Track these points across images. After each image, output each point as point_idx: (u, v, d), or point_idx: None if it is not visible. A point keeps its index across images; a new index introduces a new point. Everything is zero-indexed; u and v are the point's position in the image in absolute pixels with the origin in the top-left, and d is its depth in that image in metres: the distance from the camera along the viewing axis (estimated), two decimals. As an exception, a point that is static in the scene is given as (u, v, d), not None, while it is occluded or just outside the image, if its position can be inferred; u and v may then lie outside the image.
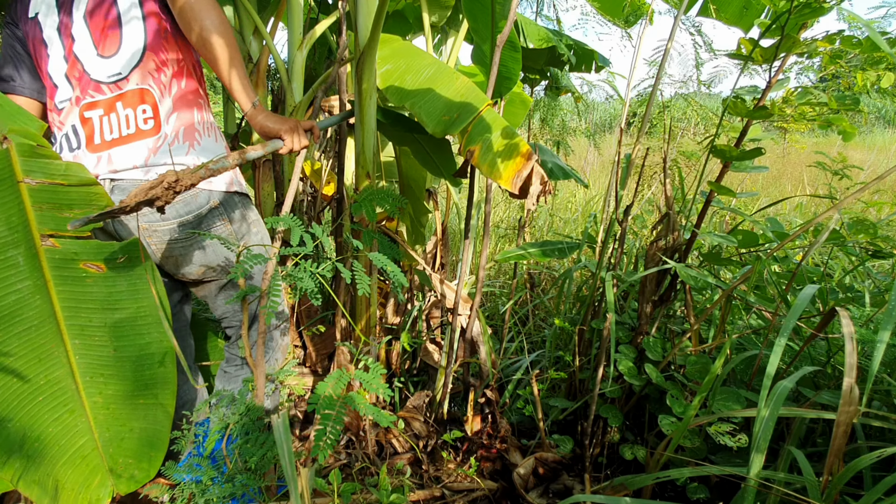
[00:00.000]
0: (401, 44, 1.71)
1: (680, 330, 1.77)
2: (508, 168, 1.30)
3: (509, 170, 1.30)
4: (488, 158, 1.34)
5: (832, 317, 1.24)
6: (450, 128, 1.40)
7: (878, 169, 6.28)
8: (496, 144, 1.34)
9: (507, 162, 1.31)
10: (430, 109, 1.46)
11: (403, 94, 1.52)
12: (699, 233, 1.64)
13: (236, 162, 1.13)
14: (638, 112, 4.71)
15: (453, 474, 1.68)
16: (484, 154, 1.34)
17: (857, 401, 0.99)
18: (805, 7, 1.28)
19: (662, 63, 1.65)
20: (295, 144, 1.28)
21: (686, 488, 1.45)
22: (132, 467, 1.27)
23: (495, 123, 1.38)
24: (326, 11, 2.58)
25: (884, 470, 1.22)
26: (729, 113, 1.49)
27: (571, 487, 1.60)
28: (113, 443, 1.26)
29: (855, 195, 1.26)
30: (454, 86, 1.49)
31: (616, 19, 2.30)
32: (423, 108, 1.47)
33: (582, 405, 1.83)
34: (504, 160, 1.31)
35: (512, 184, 1.29)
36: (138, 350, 1.24)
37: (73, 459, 1.21)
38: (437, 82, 1.51)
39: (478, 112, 1.39)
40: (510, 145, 1.33)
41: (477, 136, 1.37)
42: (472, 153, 1.36)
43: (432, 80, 1.52)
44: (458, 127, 1.39)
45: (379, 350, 2.02)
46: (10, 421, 1.11)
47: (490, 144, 1.35)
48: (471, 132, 1.39)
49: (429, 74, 1.54)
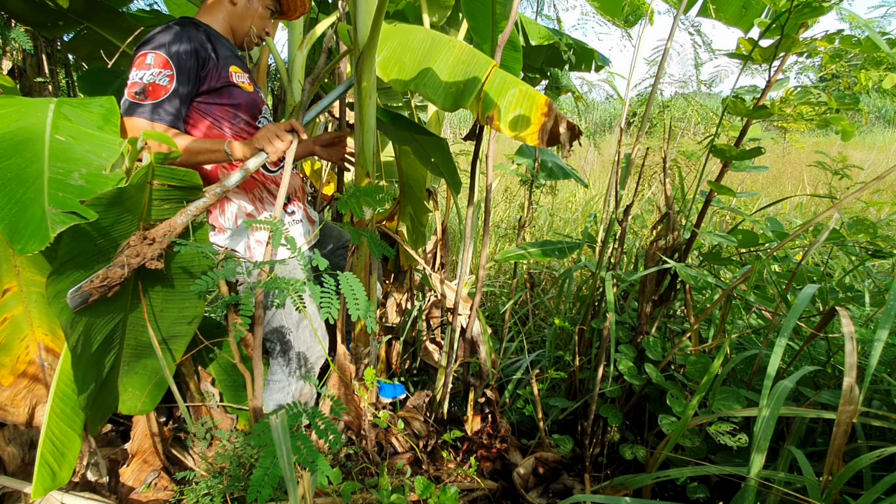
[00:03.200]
0: (390, 27, 1.68)
1: (680, 330, 1.77)
2: (532, 124, 1.29)
3: (533, 125, 1.29)
4: (509, 119, 1.32)
5: (832, 316, 1.24)
6: (459, 100, 1.37)
7: (878, 168, 6.27)
8: (514, 104, 1.32)
9: (529, 117, 1.30)
10: (434, 85, 1.42)
11: (405, 77, 1.48)
12: (699, 232, 1.64)
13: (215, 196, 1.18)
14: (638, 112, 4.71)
15: (453, 474, 1.68)
16: (504, 116, 1.32)
17: (857, 400, 0.99)
18: (805, 7, 1.28)
19: (662, 63, 1.65)
20: (278, 147, 1.29)
21: (686, 488, 1.45)
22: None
23: (506, 83, 1.36)
24: (326, 11, 2.59)
25: (884, 469, 1.22)
26: (729, 112, 1.49)
27: (571, 487, 1.60)
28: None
29: (855, 195, 1.26)
30: (454, 54, 1.45)
31: (616, 19, 2.29)
32: (427, 86, 1.43)
33: (582, 405, 1.83)
34: (525, 116, 1.30)
35: (539, 138, 1.28)
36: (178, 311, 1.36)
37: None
38: (436, 54, 1.47)
39: (485, 76, 1.36)
40: (527, 101, 1.32)
41: (492, 101, 1.35)
42: (492, 118, 1.34)
43: (430, 53, 1.48)
44: (468, 98, 1.36)
45: (379, 350, 2.02)
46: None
47: (508, 105, 1.33)
48: (485, 99, 1.36)
49: (425, 48, 1.50)
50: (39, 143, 1.02)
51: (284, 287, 1.05)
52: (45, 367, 1.32)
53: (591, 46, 2.59)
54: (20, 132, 1.05)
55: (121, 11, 2.28)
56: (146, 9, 2.96)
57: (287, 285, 1.05)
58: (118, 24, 2.25)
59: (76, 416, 1.29)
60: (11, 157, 0.99)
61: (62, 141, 1.04)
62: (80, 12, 2.15)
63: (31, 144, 1.02)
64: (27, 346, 1.31)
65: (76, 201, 0.94)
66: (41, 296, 1.30)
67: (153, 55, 1.32)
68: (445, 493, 1.33)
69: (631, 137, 2.26)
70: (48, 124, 1.07)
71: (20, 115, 1.09)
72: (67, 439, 1.27)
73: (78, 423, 1.29)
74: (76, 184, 0.98)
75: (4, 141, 1.02)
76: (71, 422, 1.28)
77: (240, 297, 1.13)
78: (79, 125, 1.12)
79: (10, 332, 1.29)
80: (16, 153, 1.00)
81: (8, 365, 1.29)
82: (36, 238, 0.88)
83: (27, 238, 0.89)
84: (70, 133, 1.07)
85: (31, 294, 1.30)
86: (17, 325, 1.30)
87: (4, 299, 1.26)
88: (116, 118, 1.25)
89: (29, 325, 1.31)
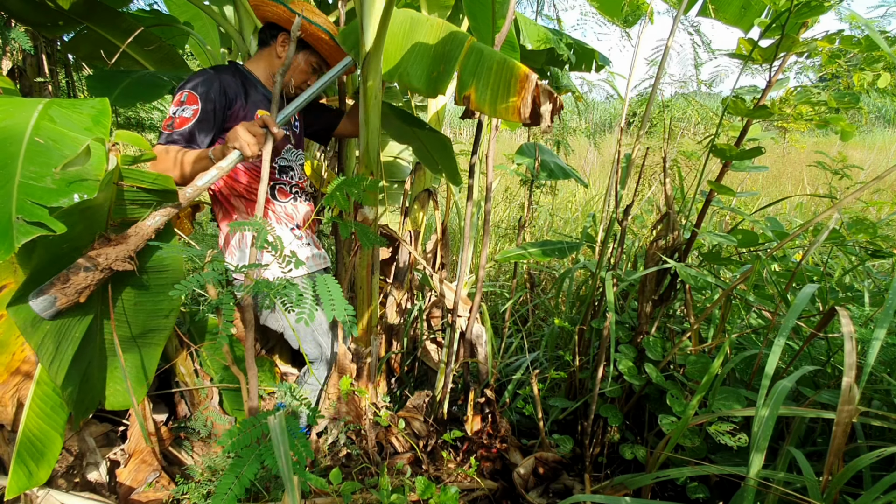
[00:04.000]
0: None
1: (680, 329, 1.77)
2: (511, 99, 1.20)
3: (513, 101, 1.20)
4: (487, 96, 1.23)
5: (832, 316, 1.24)
6: (439, 84, 1.32)
7: (877, 168, 6.27)
8: (491, 78, 1.23)
9: (507, 92, 1.21)
10: (418, 73, 1.38)
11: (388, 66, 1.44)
12: (699, 232, 1.64)
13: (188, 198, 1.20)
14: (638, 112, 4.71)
15: (453, 474, 1.68)
16: (481, 94, 1.23)
17: (856, 400, 0.99)
18: (805, 6, 1.28)
19: (662, 62, 1.65)
20: (249, 142, 1.32)
21: (686, 488, 1.45)
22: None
23: (482, 57, 1.27)
24: (326, 11, 2.59)
25: (884, 469, 1.22)
26: (729, 112, 1.49)
27: (571, 487, 1.60)
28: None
29: (855, 195, 1.26)
30: (432, 33, 1.40)
31: (616, 19, 2.29)
32: (412, 75, 1.39)
33: (582, 405, 1.83)
34: (503, 91, 1.21)
35: (520, 114, 1.19)
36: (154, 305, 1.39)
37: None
38: (415, 35, 1.43)
39: (460, 55, 1.28)
40: (505, 73, 1.22)
41: (468, 78, 1.26)
42: (469, 98, 1.25)
43: (410, 34, 1.43)
44: (447, 79, 1.29)
45: (379, 349, 2.02)
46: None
47: (484, 80, 1.24)
48: (461, 76, 1.27)
49: (405, 29, 1.45)
50: (16, 146, 0.98)
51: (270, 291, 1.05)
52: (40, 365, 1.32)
53: (591, 46, 2.59)
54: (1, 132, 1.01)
55: (121, 11, 2.28)
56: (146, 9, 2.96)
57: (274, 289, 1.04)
58: (118, 24, 2.25)
59: (56, 416, 1.29)
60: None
61: (40, 143, 1.01)
62: (80, 12, 2.15)
63: (7, 146, 0.98)
64: (23, 343, 1.31)
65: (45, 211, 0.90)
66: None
67: (186, 93, 1.50)
68: (446, 493, 1.33)
69: (631, 137, 2.26)
70: (30, 126, 1.03)
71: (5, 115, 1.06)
72: (47, 438, 1.27)
73: (59, 422, 1.29)
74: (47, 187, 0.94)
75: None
76: (52, 421, 1.28)
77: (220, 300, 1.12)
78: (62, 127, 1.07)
79: (7, 330, 1.29)
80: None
81: (3, 362, 1.29)
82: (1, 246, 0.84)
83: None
84: (50, 136, 1.04)
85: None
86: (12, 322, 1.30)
87: (1, 296, 1.26)
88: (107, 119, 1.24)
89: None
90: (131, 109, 4.57)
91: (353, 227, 1.53)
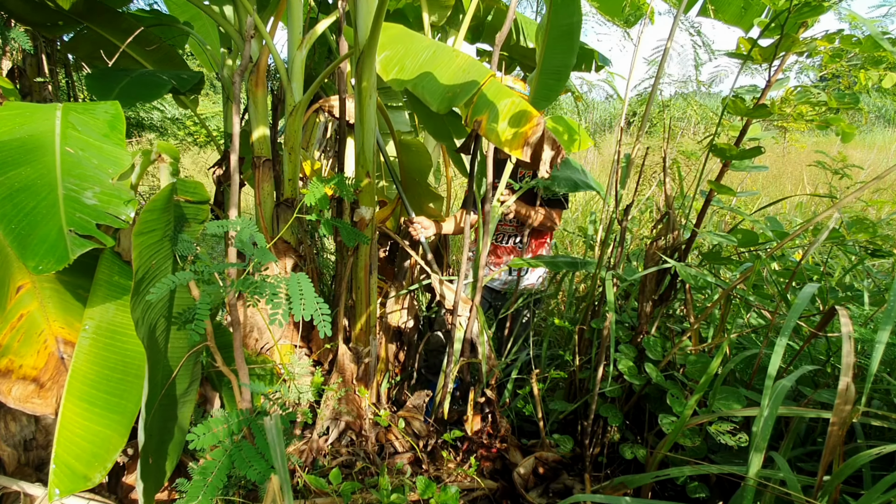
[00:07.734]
0: (398, 29, 1.68)
1: (680, 329, 1.77)
2: (518, 135, 1.28)
3: (519, 137, 1.28)
4: (496, 127, 1.32)
5: (832, 316, 1.24)
6: (454, 100, 1.40)
7: (878, 168, 6.27)
8: (503, 112, 1.33)
9: (516, 129, 1.29)
10: (432, 89, 1.45)
11: (404, 77, 1.51)
12: (699, 232, 1.64)
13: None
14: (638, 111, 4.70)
15: (453, 474, 1.67)
16: (491, 122, 1.33)
17: (853, 399, 0.99)
18: (805, 6, 1.27)
19: (662, 62, 1.65)
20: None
21: (686, 487, 1.45)
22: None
23: (500, 93, 1.37)
24: (326, 11, 2.58)
25: (884, 469, 1.21)
26: (729, 112, 1.49)
27: (571, 487, 1.60)
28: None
29: (855, 194, 1.26)
30: (455, 63, 1.48)
31: (616, 19, 2.29)
32: (425, 89, 1.47)
33: (582, 404, 1.83)
34: (512, 127, 1.30)
35: (522, 151, 1.27)
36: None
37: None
38: (437, 62, 1.50)
39: (481, 84, 1.39)
40: (517, 111, 1.31)
41: (483, 106, 1.36)
42: (479, 123, 1.35)
43: (432, 61, 1.51)
44: (461, 99, 1.38)
45: (379, 349, 2.02)
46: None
47: (497, 113, 1.33)
48: (476, 102, 1.38)
49: (428, 56, 1.53)
50: (50, 155, 1.01)
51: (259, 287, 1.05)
52: (64, 359, 1.33)
53: (591, 47, 2.59)
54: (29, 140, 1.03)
55: (120, 11, 2.28)
56: (146, 9, 2.96)
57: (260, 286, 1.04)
58: (118, 24, 2.25)
59: (111, 414, 1.22)
60: (20, 165, 0.97)
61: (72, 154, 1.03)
62: (80, 12, 2.15)
63: (40, 154, 1.00)
64: (45, 340, 1.32)
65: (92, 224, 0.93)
66: (55, 291, 1.32)
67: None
68: (446, 493, 1.33)
69: (631, 137, 2.26)
70: (57, 134, 1.06)
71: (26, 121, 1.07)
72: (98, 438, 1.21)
73: (116, 419, 1.23)
74: (90, 203, 0.96)
75: (12, 148, 1.00)
76: (107, 420, 1.22)
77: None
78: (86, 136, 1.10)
79: (28, 328, 1.30)
80: (25, 162, 0.98)
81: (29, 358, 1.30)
82: (51, 258, 0.86)
83: (41, 256, 0.87)
84: (79, 145, 1.06)
85: (45, 290, 1.31)
86: (33, 320, 1.31)
87: (19, 296, 1.27)
88: (122, 125, 1.25)
89: (45, 319, 1.32)
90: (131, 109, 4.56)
91: (336, 223, 1.53)
